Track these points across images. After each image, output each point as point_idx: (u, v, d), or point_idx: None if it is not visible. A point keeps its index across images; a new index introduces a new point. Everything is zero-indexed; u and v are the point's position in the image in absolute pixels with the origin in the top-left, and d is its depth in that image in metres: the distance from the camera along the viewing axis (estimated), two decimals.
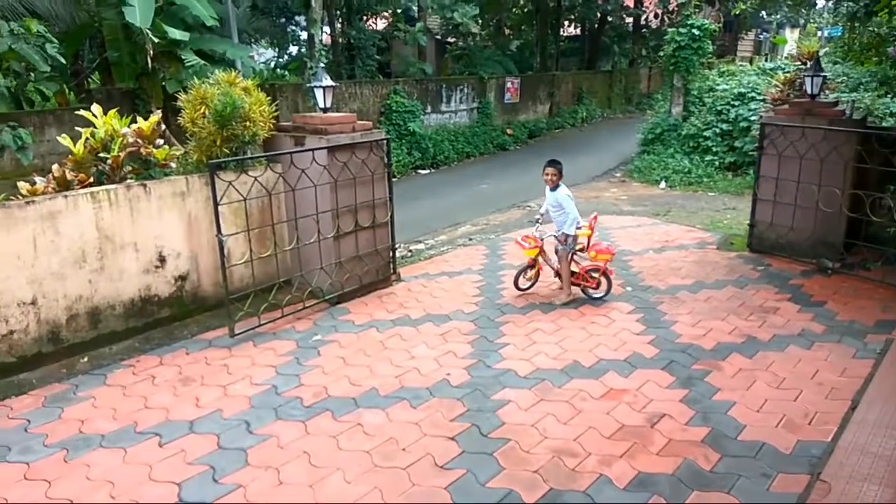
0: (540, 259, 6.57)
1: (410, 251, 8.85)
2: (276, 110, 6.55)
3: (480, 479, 3.71)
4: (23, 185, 5.21)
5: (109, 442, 4.16)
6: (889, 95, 9.83)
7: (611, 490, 3.61)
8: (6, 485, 3.74)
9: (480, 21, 23.71)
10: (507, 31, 25.17)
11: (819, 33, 28.52)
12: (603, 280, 6.45)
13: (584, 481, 3.68)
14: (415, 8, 19.93)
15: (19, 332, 5.03)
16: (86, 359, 5.32)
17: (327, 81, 6.48)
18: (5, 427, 4.34)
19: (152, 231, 5.70)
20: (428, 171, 15.80)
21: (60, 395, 4.77)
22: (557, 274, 6.59)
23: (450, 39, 23.38)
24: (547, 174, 6.26)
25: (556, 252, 6.48)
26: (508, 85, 19.83)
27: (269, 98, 6.57)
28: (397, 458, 3.93)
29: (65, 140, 5.70)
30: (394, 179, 7.26)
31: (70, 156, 5.61)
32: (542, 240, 6.44)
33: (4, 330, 4.94)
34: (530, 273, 6.65)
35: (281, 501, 3.57)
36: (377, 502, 3.55)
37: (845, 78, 12.62)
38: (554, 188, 6.26)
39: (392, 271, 7.20)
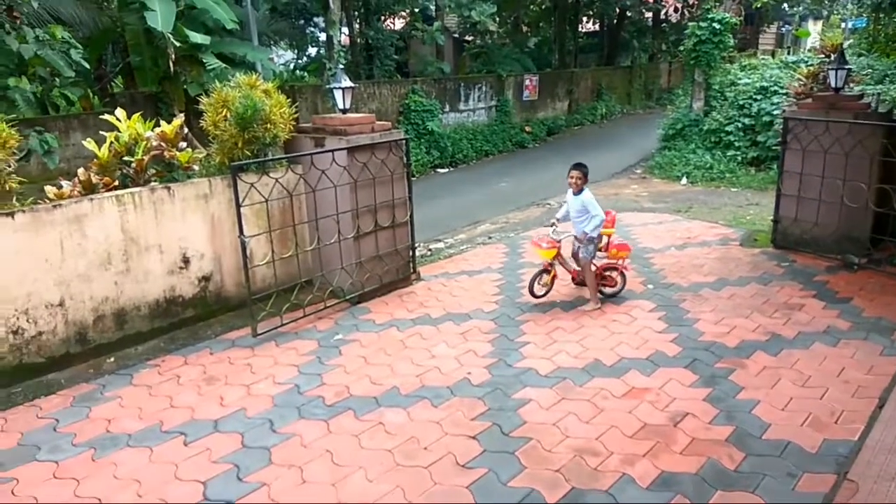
0: (556, 263, 6.35)
1: (430, 250, 8.87)
2: (295, 112, 6.60)
3: (502, 478, 3.72)
4: (49, 189, 5.31)
5: (136, 441, 4.23)
6: None
7: (633, 489, 3.59)
8: (36, 483, 3.82)
9: (498, 19, 23.64)
10: (524, 29, 25.12)
11: (843, 25, 28.00)
12: (619, 278, 6.40)
13: (606, 481, 3.67)
14: (432, 7, 19.96)
15: (47, 333, 5.13)
16: (112, 359, 5.41)
17: (346, 83, 6.52)
18: (35, 427, 4.44)
19: (176, 233, 5.78)
20: (447, 170, 15.82)
21: (88, 395, 4.86)
22: (575, 280, 6.46)
23: (467, 38, 23.34)
24: (572, 177, 6.06)
25: (575, 255, 6.29)
26: (527, 82, 19.78)
27: (288, 99, 6.62)
28: (419, 457, 3.95)
29: (90, 144, 5.80)
30: (413, 179, 7.29)
31: (95, 159, 5.70)
32: (559, 241, 6.24)
33: (33, 331, 5.05)
34: (546, 278, 6.34)
35: (304, 500, 3.60)
36: (399, 501, 3.57)
37: (870, 70, 12.39)
38: (578, 192, 6.08)
39: (412, 270, 7.22)
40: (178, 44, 9.99)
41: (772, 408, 4.34)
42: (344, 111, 6.57)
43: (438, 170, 15.75)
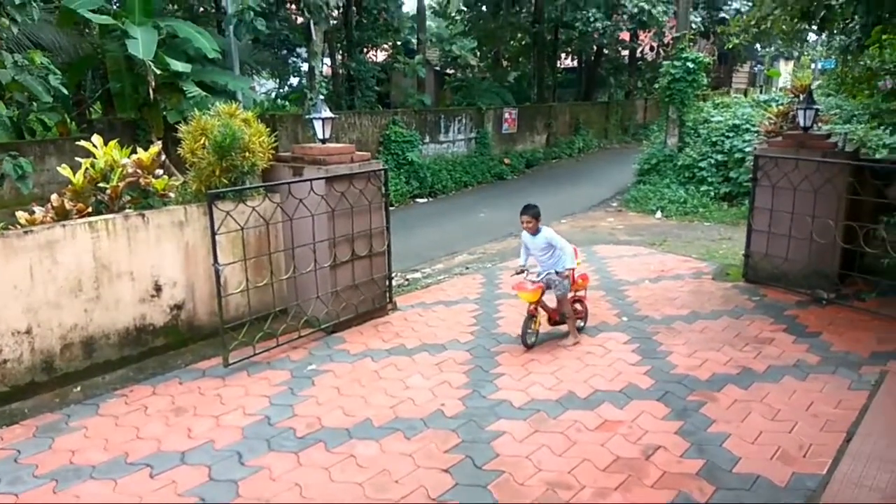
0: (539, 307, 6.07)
1: (407, 280, 8.87)
2: (275, 140, 6.63)
3: None
4: (21, 215, 5.26)
5: (100, 473, 4.13)
6: (881, 127, 9.96)
7: None
8: None
9: (479, 53, 24.12)
10: (504, 63, 25.57)
11: (813, 66, 28.94)
12: (580, 308, 6.43)
13: None
14: (414, 41, 20.26)
15: (13, 362, 5.02)
16: (79, 388, 5.30)
17: (326, 113, 6.57)
18: None
19: (149, 260, 5.72)
20: (426, 200, 15.90)
21: (52, 425, 4.74)
22: (552, 320, 6.26)
23: (448, 71, 23.76)
24: (524, 222, 5.98)
25: (552, 290, 6.03)
26: (506, 115, 20.07)
27: (268, 128, 6.66)
28: (390, 491, 3.90)
29: (64, 170, 5.76)
30: (392, 208, 7.32)
31: (70, 185, 5.66)
32: (543, 282, 5.98)
33: None
34: (533, 325, 6.05)
35: None
36: None
37: (838, 110, 12.80)
38: (535, 233, 6.00)
39: (388, 300, 7.21)
40: (158, 71, 10.00)
41: (742, 441, 4.37)
42: (323, 141, 6.61)
43: (417, 200, 15.82)
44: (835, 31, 10.79)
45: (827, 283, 7.12)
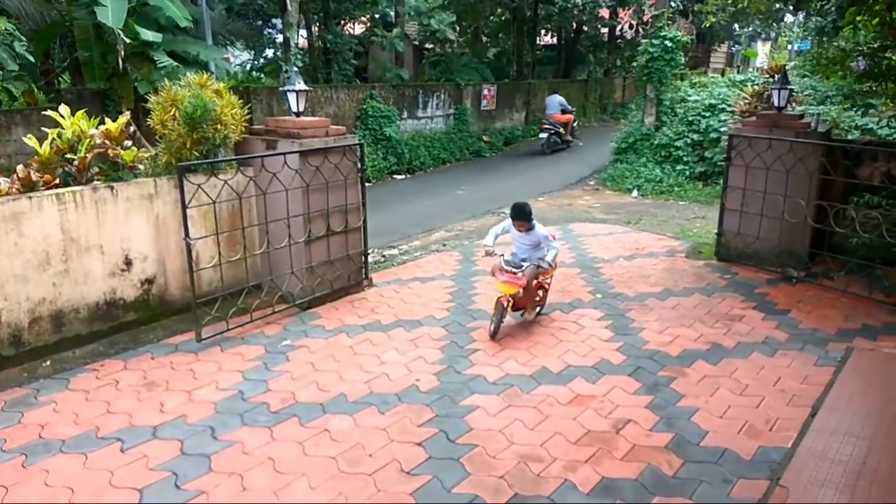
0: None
1: (384, 256, 8.84)
2: (249, 113, 6.52)
3: (446, 484, 3.72)
4: None
5: (70, 447, 4.08)
6: (854, 109, 10.09)
7: (575, 495, 3.64)
8: None
9: (458, 28, 23.81)
10: (484, 39, 25.33)
11: (790, 47, 29.17)
12: (541, 294, 6.18)
13: (548, 487, 3.71)
14: (392, 14, 19.96)
15: None
16: (48, 362, 5.22)
17: (301, 86, 6.46)
18: None
19: (119, 234, 5.62)
20: (404, 177, 15.81)
21: (21, 400, 4.67)
22: (517, 307, 5.91)
23: (427, 46, 23.46)
24: (518, 227, 5.77)
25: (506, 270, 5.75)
26: (485, 92, 19.94)
27: (242, 101, 6.54)
28: (363, 464, 3.92)
29: (30, 140, 5.60)
30: (369, 184, 7.27)
31: (36, 156, 5.51)
32: (521, 272, 5.64)
33: None
34: (502, 316, 5.73)
35: None
36: None
37: (813, 91, 12.92)
38: (529, 230, 5.80)
39: (364, 276, 7.18)
40: (128, 40, 9.75)
41: (710, 415, 4.46)
42: (298, 114, 6.51)
43: (395, 176, 15.72)
44: (811, 13, 10.85)
45: (797, 262, 7.25)
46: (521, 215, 5.71)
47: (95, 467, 3.89)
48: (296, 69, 9.13)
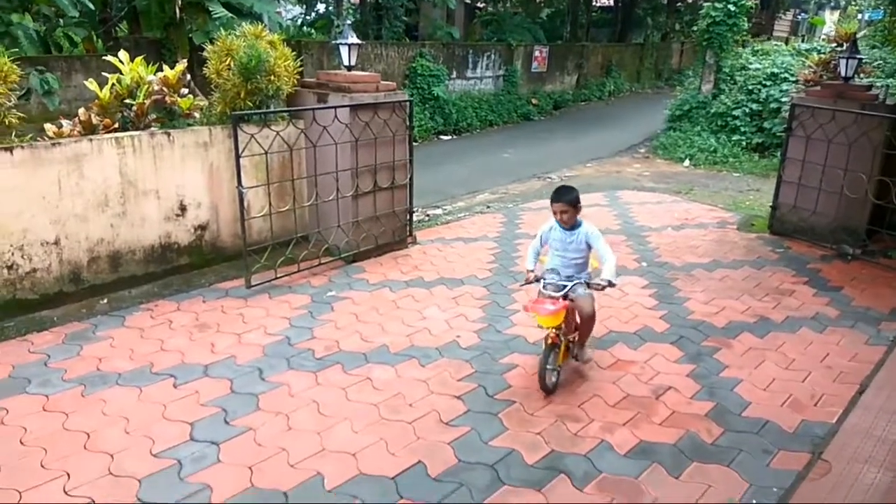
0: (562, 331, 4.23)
1: (428, 215, 8.87)
2: (300, 66, 6.54)
3: (483, 437, 3.79)
4: (49, 127, 5.28)
5: (125, 380, 4.28)
6: None
7: (611, 455, 3.66)
8: (25, 414, 3.88)
9: None
10: None
11: (860, 16, 27.65)
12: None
13: (585, 445, 3.74)
14: None
15: (42, 271, 5.15)
16: (105, 300, 5.45)
17: (353, 39, 6.45)
18: (26, 360, 4.48)
19: (174, 180, 5.77)
20: (450, 138, 15.71)
21: (80, 334, 4.90)
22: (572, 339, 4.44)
23: (479, 4, 23.04)
24: (557, 211, 4.20)
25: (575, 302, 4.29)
26: (536, 53, 19.54)
27: (294, 54, 6.55)
28: (403, 413, 4.01)
29: (91, 85, 5.75)
30: (415, 144, 7.25)
31: (96, 101, 5.66)
32: (564, 298, 4.15)
33: (28, 267, 5.07)
34: (554, 359, 4.21)
35: (289, 446, 3.66)
36: (382, 453, 3.63)
37: (882, 62, 12.27)
38: (572, 227, 4.26)
39: (408, 234, 7.23)
40: None
41: (753, 387, 4.40)
42: (349, 68, 6.51)
43: (441, 136, 15.64)
44: None
45: (854, 239, 7.01)
46: (563, 194, 4.20)
47: (149, 400, 4.07)
48: (348, 23, 9.10)
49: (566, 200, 4.16)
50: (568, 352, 4.41)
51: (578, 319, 4.43)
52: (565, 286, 4.20)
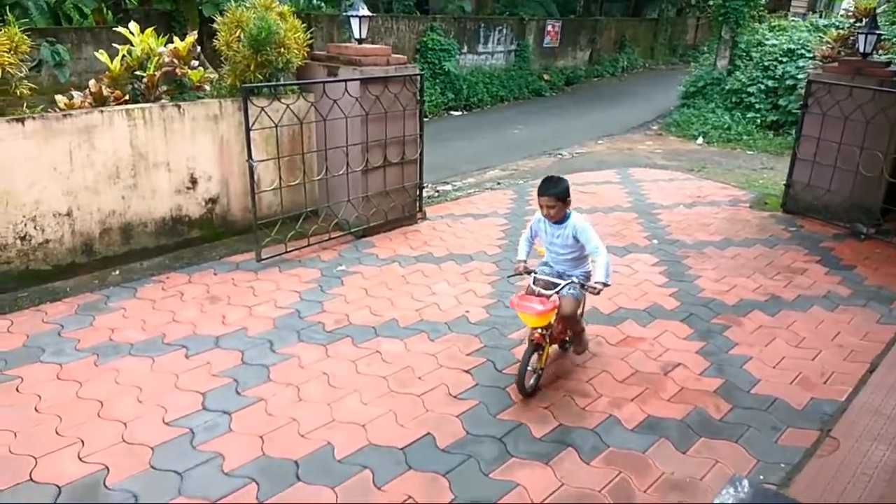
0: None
1: (437, 191, 8.84)
2: (310, 39, 6.48)
3: (492, 410, 3.81)
4: (60, 99, 5.28)
5: (138, 351, 4.33)
6: None
7: (619, 430, 3.68)
8: (40, 383, 3.93)
9: None
10: None
11: None
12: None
13: (593, 420, 3.76)
14: None
15: (54, 242, 5.19)
16: (117, 272, 5.49)
17: (364, 11, 6.38)
18: (40, 330, 4.54)
19: (185, 152, 5.76)
20: (460, 113, 15.60)
21: (92, 305, 4.95)
22: (558, 340, 4.27)
23: None
24: (544, 206, 3.89)
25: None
26: (549, 28, 19.29)
27: (304, 26, 6.50)
28: (413, 386, 4.04)
29: (102, 56, 5.73)
30: (425, 119, 7.20)
31: (107, 72, 5.64)
32: (555, 296, 3.85)
33: (40, 238, 5.11)
34: (536, 360, 3.94)
35: (299, 416, 3.70)
36: (391, 424, 3.67)
37: None
38: (560, 221, 3.96)
39: (418, 209, 7.21)
40: None
41: (763, 365, 4.40)
42: (360, 41, 6.45)
43: (452, 112, 15.53)
44: None
45: (868, 217, 6.93)
46: (551, 189, 3.84)
47: (162, 370, 4.12)
48: None
49: (553, 194, 3.82)
50: (563, 348, 4.41)
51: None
52: (556, 284, 3.92)
